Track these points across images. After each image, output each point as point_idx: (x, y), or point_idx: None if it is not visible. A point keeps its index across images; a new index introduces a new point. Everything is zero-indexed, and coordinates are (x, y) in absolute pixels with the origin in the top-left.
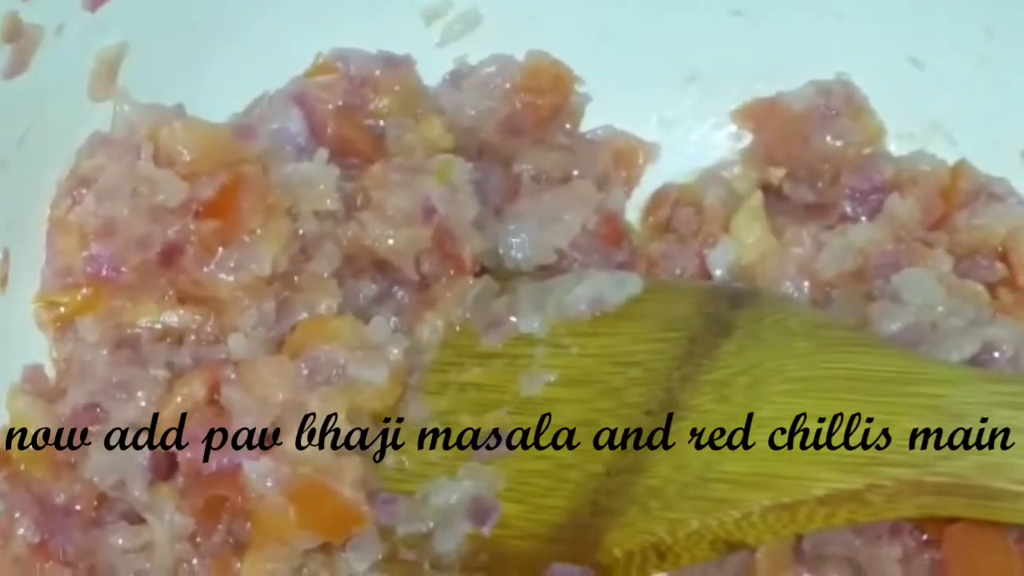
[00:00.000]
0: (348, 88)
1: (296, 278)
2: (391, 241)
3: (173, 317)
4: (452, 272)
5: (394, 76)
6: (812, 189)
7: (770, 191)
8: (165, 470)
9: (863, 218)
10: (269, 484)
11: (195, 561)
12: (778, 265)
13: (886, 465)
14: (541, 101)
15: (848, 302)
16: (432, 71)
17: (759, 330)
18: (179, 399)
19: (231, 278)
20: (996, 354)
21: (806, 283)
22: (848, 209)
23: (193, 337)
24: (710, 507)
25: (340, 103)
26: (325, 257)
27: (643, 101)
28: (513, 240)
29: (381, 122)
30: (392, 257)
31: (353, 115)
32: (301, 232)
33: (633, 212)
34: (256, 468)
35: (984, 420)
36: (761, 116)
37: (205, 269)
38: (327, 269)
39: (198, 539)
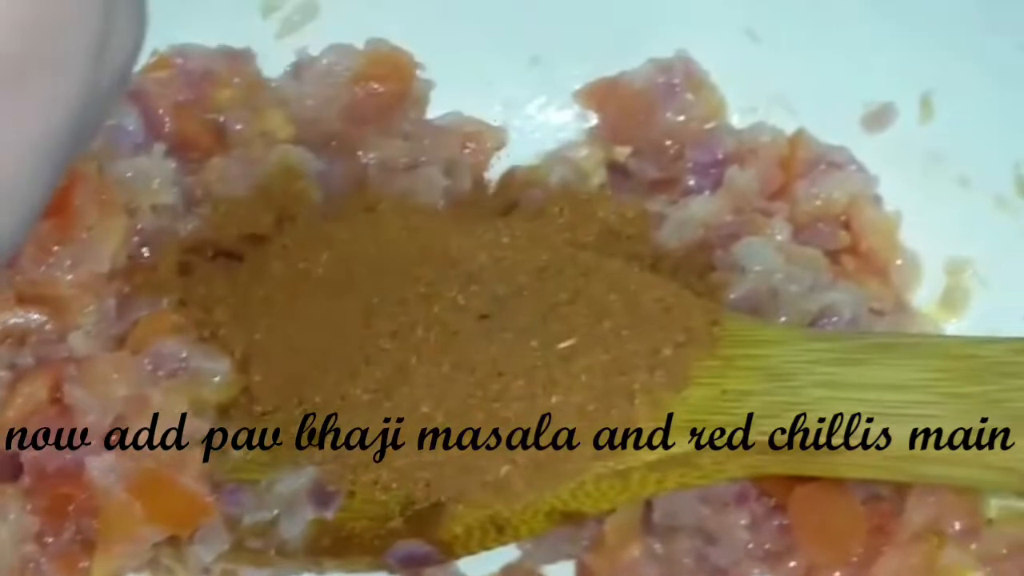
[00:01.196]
0: (187, 83)
1: (135, 273)
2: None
3: (13, 318)
4: None
5: (234, 69)
6: (657, 165)
7: (617, 169)
8: (10, 472)
9: (707, 191)
10: (112, 479)
11: (43, 560)
12: None
13: (713, 427)
14: (383, 89)
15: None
16: (273, 64)
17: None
18: (21, 399)
19: (69, 276)
20: (835, 318)
21: None
22: (692, 183)
23: (34, 337)
24: None
25: (179, 98)
26: (165, 251)
27: (487, 86)
28: None
29: (221, 116)
30: (235, 248)
31: (192, 110)
32: (140, 227)
33: None
34: (99, 464)
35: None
36: (604, 95)
37: (43, 268)
38: (167, 263)
39: (46, 539)
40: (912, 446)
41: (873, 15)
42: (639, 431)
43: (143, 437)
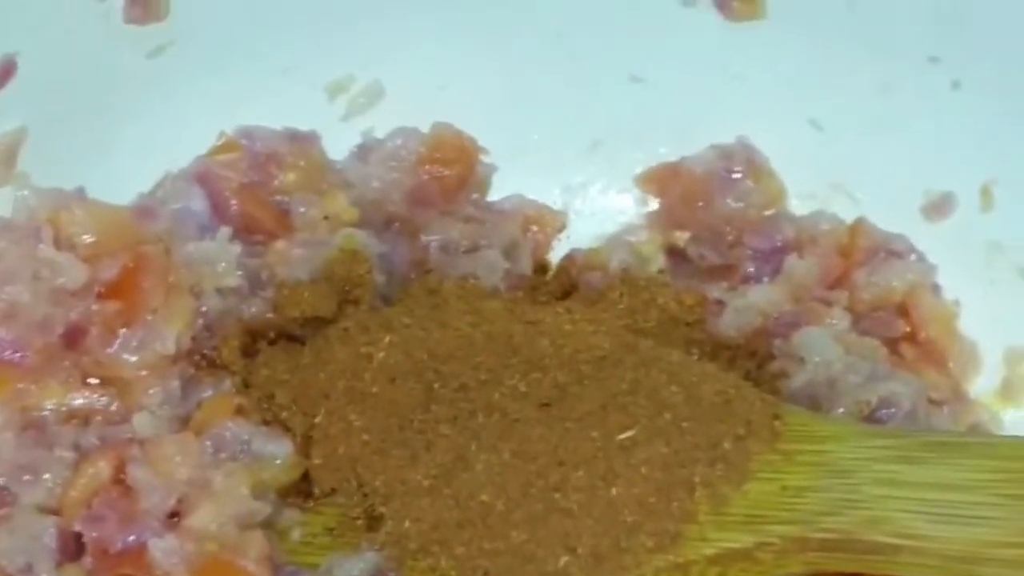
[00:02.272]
0: (252, 165)
1: (200, 355)
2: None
3: (78, 398)
4: None
5: (299, 151)
6: (716, 251)
7: (676, 254)
8: (72, 551)
9: (765, 278)
10: (175, 562)
11: None
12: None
13: (773, 523)
14: (447, 172)
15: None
16: (339, 145)
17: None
18: (85, 479)
19: (135, 358)
20: (894, 409)
21: None
22: (751, 269)
23: (99, 417)
24: None
25: (244, 180)
26: (229, 333)
27: (548, 169)
28: None
29: (286, 198)
30: (298, 331)
31: (257, 192)
32: (204, 309)
33: None
34: (161, 546)
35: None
36: (664, 180)
37: (109, 350)
38: (231, 345)
39: None
40: (972, 548)
41: (934, 105)
42: (700, 525)
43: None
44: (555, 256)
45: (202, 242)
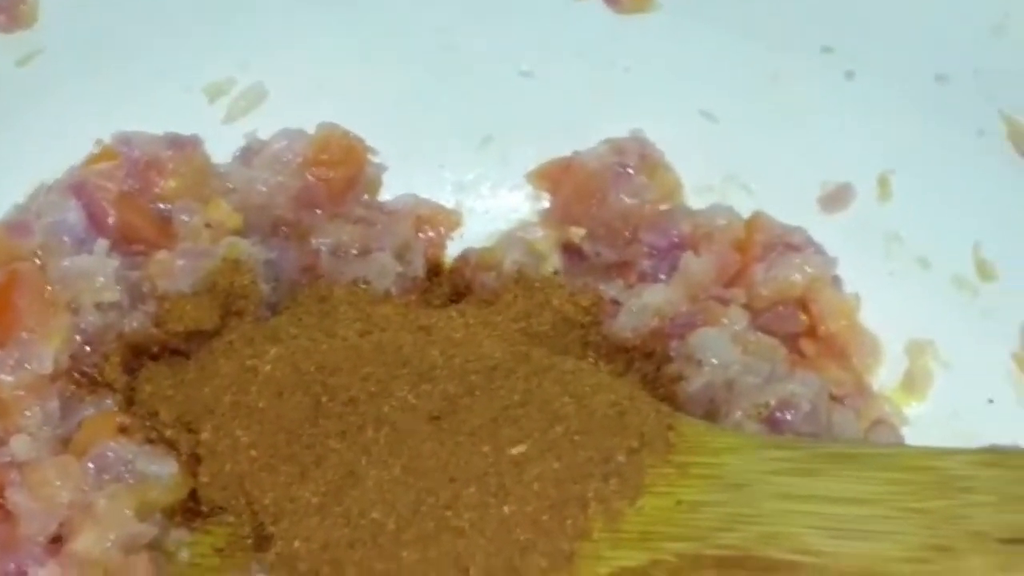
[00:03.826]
0: (131, 172)
1: (81, 373)
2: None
3: None
4: None
5: (180, 157)
6: (612, 247)
7: (571, 250)
8: None
9: (662, 275)
10: None
11: None
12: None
13: (668, 540)
14: (334, 173)
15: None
16: (221, 149)
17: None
18: None
19: (11, 378)
20: (793, 410)
21: None
22: (648, 266)
23: None
24: None
25: (123, 189)
26: (109, 350)
27: (439, 167)
28: None
29: (168, 206)
30: (182, 345)
31: (137, 200)
32: (83, 326)
33: None
34: (43, 573)
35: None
36: (557, 176)
37: None
38: (112, 362)
39: None
40: (871, 564)
41: (828, 96)
42: (594, 543)
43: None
44: (449, 256)
45: (79, 256)
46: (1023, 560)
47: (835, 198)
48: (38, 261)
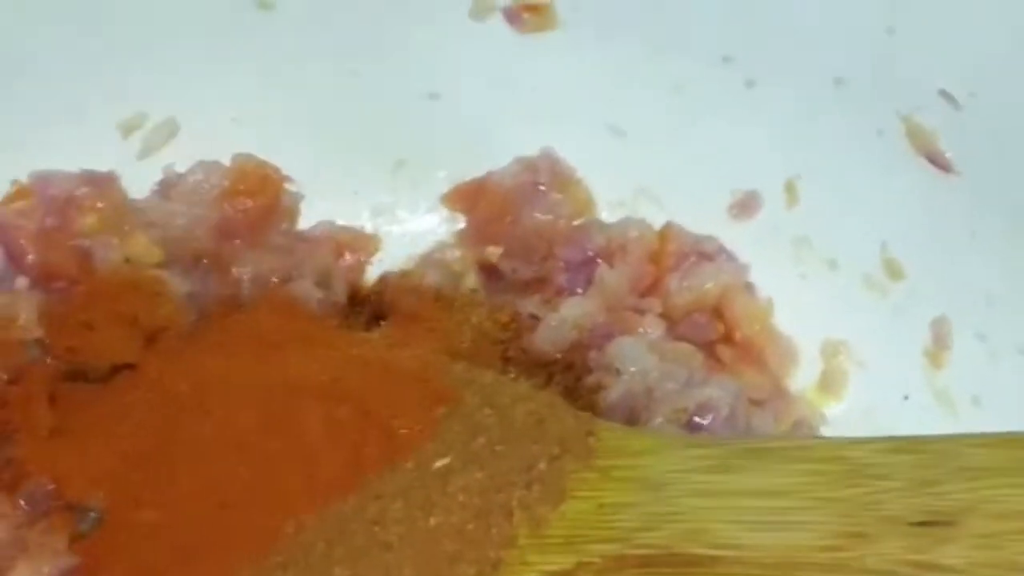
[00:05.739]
0: (49, 210)
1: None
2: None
3: None
4: None
5: (97, 193)
6: (528, 264)
7: (489, 269)
8: None
9: (579, 289)
10: None
11: None
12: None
13: (592, 542)
14: (252, 203)
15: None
16: (137, 184)
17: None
18: None
19: None
20: (712, 414)
21: None
22: (564, 281)
23: None
24: None
25: (41, 227)
26: (34, 384)
27: (354, 192)
28: None
29: (87, 242)
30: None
31: (55, 237)
32: (7, 363)
33: None
34: None
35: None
36: (471, 197)
37: None
38: (38, 396)
39: None
40: (788, 554)
41: (733, 105)
42: (520, 549)
43: None
44: (369, 280)
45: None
46: (934, 542)
47: (744, 205)
48: None
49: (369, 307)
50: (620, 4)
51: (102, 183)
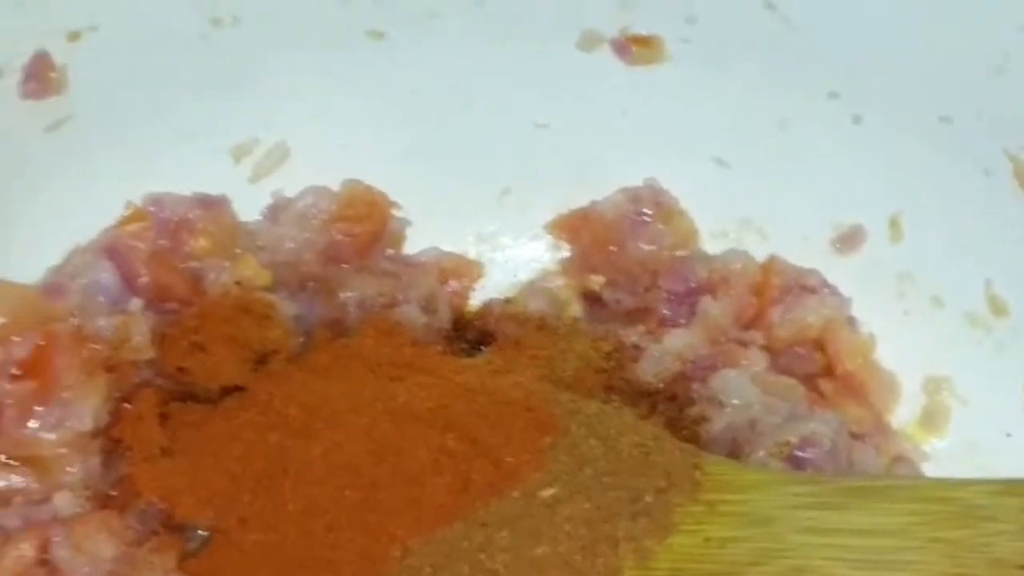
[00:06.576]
0: (162, 233)
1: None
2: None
3: None
4: None
5: (209, 216)
6: (632, 294)
7: (591, 298)
8: None
9: (681, 320)
10: None
11: None
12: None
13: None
14: (359, 228)
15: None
16: (248, 208)
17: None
18: (8, 561)
19: (53, 436)
20: (815, 448)
21: None
22: (667, 312)
23: (20, 498)
24: None
25: (154, 249)
26: (146, 404)
27: (460, 219)
28: None
29: (198, 264)
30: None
31: (168, 260)
32: (121, 383)
33: None
34: None
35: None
36: (575, 226)
37: (25, 430)
38: (150, 416)
39: None
40: None
41: (836, 139)
42: None
43: None
44: (472, 306)
45: (113, 316)
46: None
47: (847, 240)
48: (75, 321)
49: (472, 333)
50: (730, 39)
51: (214, 206)
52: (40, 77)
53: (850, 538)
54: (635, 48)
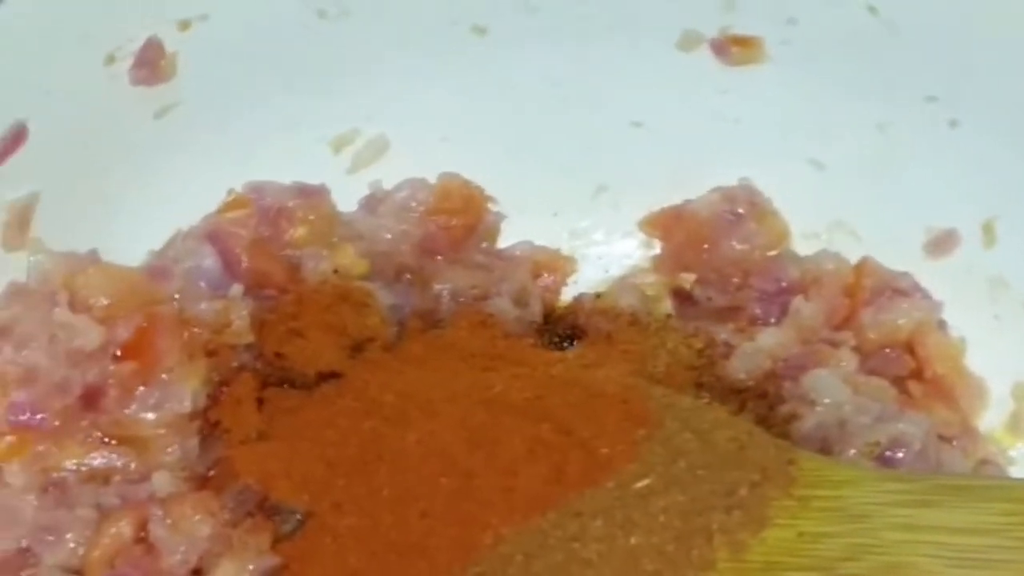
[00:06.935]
0: (262, 220)
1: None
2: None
3: (98, 458)
4: None
5: (308, 205)
6: (723, 292)
7: (682, 296)
8: None
9: (772, 319)
10: None
11: None
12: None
13: (792, 570)
14: (455, 222)
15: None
16: (346, 198)
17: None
18: (107, 539)
19: (152, 416)
20: (904, 449)
21: None
22: (758, 311)
23: (119, 476)
24: None
25: (254, 236)
26: (244, 388)
27: (554, 215)
28: None
29: (297, 252)
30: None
31: (268, 247)
32: (220, 366)
33: None
34: None
35: (884, 520)
36: (668, 224)
37: (126, 410)
38: (248, 400)
39: None
40: None
41: (932, 143)
42: (719, 572)
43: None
44: (564, 301)
45: (214, 301)
46: None
47: (940, 244)
48: (176, 304)
49: (562, 327)
50: (829, 41)
51: (313, 195)
52: (151, 64)
53: (945, 535)
54: (735, 49)
